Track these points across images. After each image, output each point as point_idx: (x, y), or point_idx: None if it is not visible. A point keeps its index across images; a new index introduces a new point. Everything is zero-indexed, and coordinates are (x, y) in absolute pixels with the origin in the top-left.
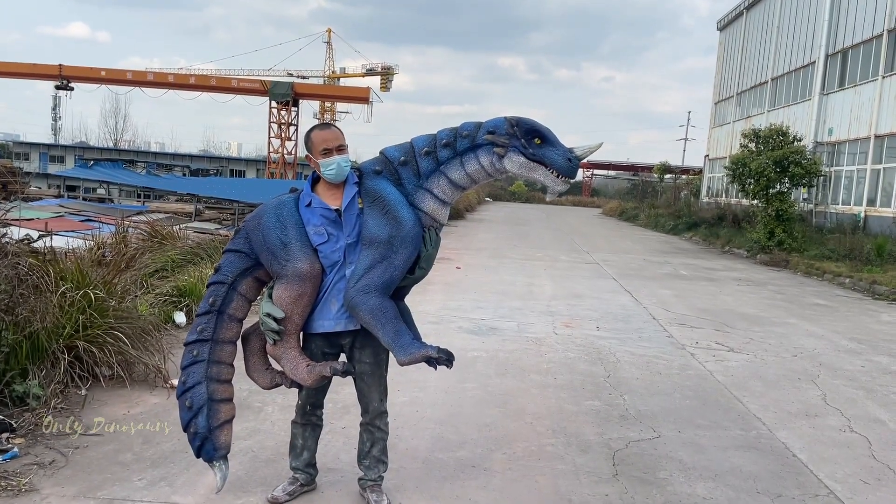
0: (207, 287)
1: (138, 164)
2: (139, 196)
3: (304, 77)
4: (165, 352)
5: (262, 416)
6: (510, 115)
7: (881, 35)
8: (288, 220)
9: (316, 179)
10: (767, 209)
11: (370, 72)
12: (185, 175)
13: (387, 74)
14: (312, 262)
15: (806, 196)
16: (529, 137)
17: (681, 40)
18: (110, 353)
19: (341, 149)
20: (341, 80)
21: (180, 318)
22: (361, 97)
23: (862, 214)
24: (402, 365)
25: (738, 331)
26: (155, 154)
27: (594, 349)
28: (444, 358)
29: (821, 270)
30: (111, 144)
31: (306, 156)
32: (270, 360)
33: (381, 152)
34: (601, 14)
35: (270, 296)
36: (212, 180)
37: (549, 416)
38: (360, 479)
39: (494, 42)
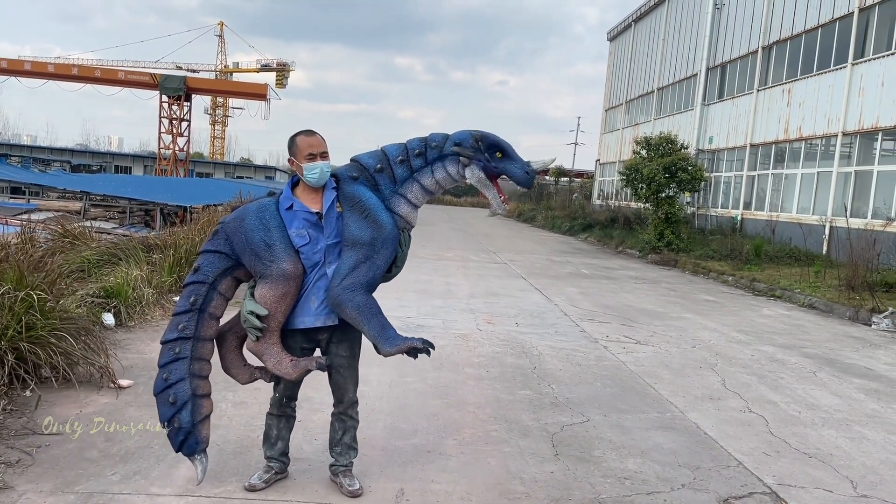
0: (185, 287)
1: (12, 157)
2: (18, 192)
3: (194, 71)
4: (108, 352)
5: (217, 412)
6: (475, 130)
7: (756, 52)
8: (271, 223)
9: (295, 183)
10: (657, 212)
11: (265, 67)
12: (65, 170)
13: (282, 71)
14: (296, 263)
15: (689, 200)
16: (492, 151)
17: (572, 47)
18: (53, 354)
19: (324, 155)
20: (234, 75)
21: (109, 319)
22: (259, 93)
23: (739, 217)
24: (385, 356)
25: (642, 325)
26: (31, 148)
27: (517, 344)
28: (426, 348)
29: (706, 269)
30: None
31: (289, 159)
32: (246, 355)
33: (353, 159)
34: (496, 18)
35: (252, 294)
36: (105, 177)
37: (488, 405)
38: (331, 465)
39: (391, 41)
